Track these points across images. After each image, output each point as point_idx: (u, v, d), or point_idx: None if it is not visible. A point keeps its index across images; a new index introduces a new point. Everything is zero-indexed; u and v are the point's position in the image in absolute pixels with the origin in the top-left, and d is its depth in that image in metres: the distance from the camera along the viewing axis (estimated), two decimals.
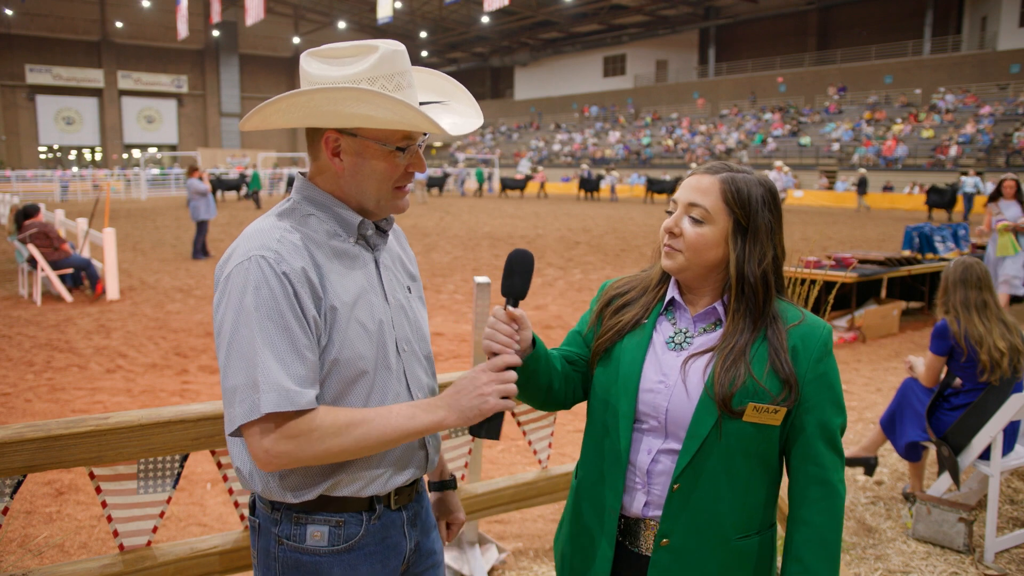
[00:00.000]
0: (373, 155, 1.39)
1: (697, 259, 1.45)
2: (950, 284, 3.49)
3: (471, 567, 3.07)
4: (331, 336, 1.35)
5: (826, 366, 1.44)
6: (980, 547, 3.37)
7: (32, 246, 9.05)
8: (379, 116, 1.32)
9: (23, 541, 3.40)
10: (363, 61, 1.34)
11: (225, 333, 1.29)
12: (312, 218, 1.42)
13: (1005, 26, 33.18)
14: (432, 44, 53.78)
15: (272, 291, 1.28)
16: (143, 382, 5.87)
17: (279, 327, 1.27)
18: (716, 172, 1.46)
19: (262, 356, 1.26)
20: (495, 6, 30.07)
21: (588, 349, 1.62)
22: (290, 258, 1.31)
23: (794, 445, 1.45)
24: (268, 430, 1.26)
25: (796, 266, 4.53)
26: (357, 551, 1.44)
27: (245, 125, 1.39)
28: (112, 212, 22.78)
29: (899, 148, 30.78)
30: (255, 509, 1.48)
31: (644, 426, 1.48)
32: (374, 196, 1.42)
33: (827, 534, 1.42)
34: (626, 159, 40.48)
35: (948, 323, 3.47)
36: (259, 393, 1.25)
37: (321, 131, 1.39)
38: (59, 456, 1.82)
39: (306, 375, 1.29)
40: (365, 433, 1.31)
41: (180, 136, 52.27)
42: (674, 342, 1.49)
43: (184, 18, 39.03)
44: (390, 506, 1.48)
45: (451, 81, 1.55)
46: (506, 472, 4.20)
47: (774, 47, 42.76)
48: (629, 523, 1.50)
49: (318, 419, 1.28)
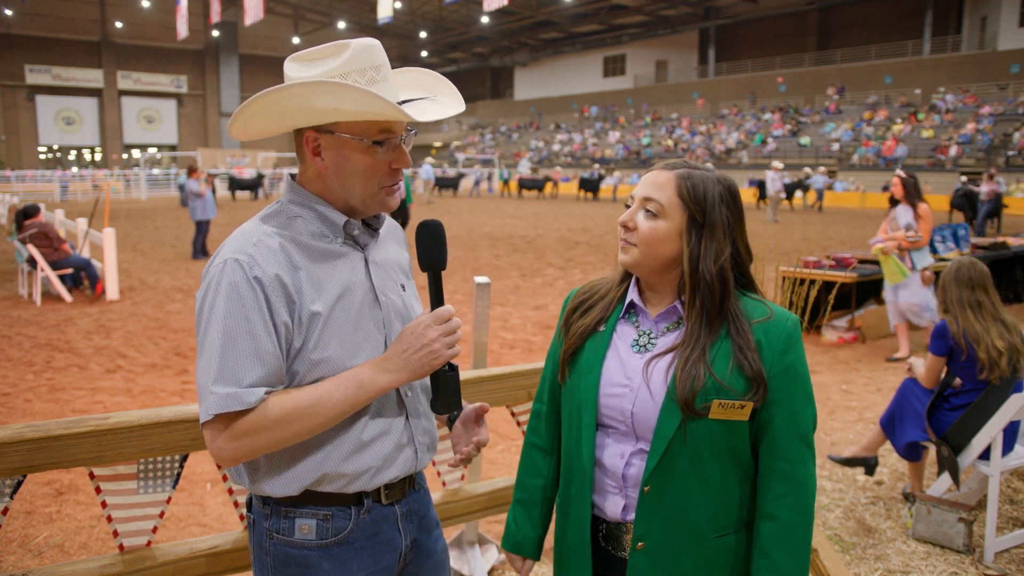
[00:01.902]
0: (352, 150, 1.39)
1: (651, 253, 1.44)
2: (946, 284, 3.52)
3: (471, 567, 3.07)
4: (312, 338, 1.36)
5: (792, 358, 1.42)
6: (980, 547, 3.37)
7: (32, 246, 9.04)
8: (346, 108, 1.32)
9: (23, 541, 3.40)
10: (336, 58, 1.36)
11: (199, 332, 1.34)
12: (298, 220, 1.42)
13: (1005, 26, 33.19)
14: (432, 44, 53.79)
15: (241, 296, 1.30)
16: (143, 382, 5.87)
17: (244, 331, 1.29)
18: (673, 168, 1.47)
19: (222, 358, 1.29)
20: (495, 6, 30.07)
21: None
22: (264, 263, 1.32)
23: (763, 439, 1.44)
24: (218, 430, 1.30)
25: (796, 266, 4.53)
26: (347, 545, 1.44)
27: (232, 131, 1.41)
28: (112, 212, 22.78)
29: (899, 148, 30.79)
30: (251, 505, 1.50)
31: (612, 430, 1.48)
32: (359, 194, 1.42)
33: (794, 530, 1.41)
34: (626, 159, 40.47)
35: (947, 323, 3.47)
36: (210, 395, 1.28)
37: (302, 132, 1.40)
38: (59, 456, 1.82)
39: (263, 377, 1.31)
40: (315, 414, 1.33)
41: (180, 136, 52.27)
42: (639, 344, 1.48)
43: (184, 18, 39.01)
44: (380, 501, 1.48)
45: (436, 76, 1.55)
46: (506, 472, 4.20)
47: (774, 47, 42.77)
48: (610, 528, 1.50)
49: (266, 412, 1.30)
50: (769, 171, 22.49)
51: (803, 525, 1.42)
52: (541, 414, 1.67)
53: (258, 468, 1.42)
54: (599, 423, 1.50)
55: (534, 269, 12.10)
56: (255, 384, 1.29)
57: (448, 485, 2.66)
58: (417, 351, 1.37)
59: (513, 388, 2.58)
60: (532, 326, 8.02)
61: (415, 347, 1.37)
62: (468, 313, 8.43)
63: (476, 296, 2.71)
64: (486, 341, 2.79)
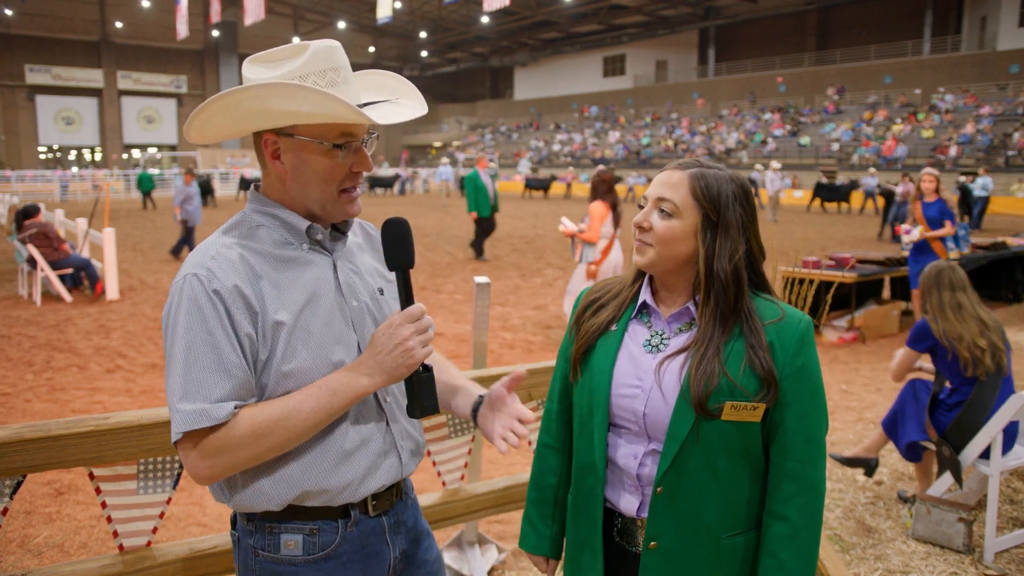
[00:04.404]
0: (311, 153, 1.36)
1: (667, 253, 1.44)
2: (926, 288, 3.63)
3: (471, 567, 3.07)
4: (277, 348, 1.32)
5: (804, 359, 1.42)
6: (980, 547, 3.37)
7: (32, 246, 9.04)
8: (306, 111, 1.30)
9: (23, 541, 3.40)
10: (296, 60, 1.34)
11: (166, 349, 1.31)
12: (261, 229, 1.40)
13: (1005, 26, 33.17)
14: (432, 44, 53.76)
15: (201, 310, 1.27)
16: (143, 382, 5.87)
17: (207, 345, 1.26)
18: (686, 168, 1.47)
19: (186, 375, 1.26)
20: (495, 6, 30.04)
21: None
22: (223, 276, 1.29)
23: (773, 440, 1.44)
24: (189, 448, 1.27)
25: (795, 266, 4.53)
26: (334, 559, 1.41)
27: (188, 134, 1.38)
28: (112, 212, 22.78)
29: (899, 148, 30.77)
30: (235, 523, 1.46)
31: (625, 431, 1.48)
32: (318, 199, 1.39)
33: (803, 531, 1.41)
34: (626, 159, 40.46)
35: (928, 322, 3.57)
36: (176, 413, 1.25)
37: (261, 135, 1.38)
38: (59, 456, 1.82)
39: (231, 390, 1.27)
40: (288, 426, 1.29)
41: (180, 136, 52.24)
42: (651, 344, 1.48)
43: (184, 18, 38.98)
44: (367, 512, 1.45)
45: (401, 80, 1.53)
46: (506, 472, 4.20)
47: (774, 47, 42.75)
48: (626, 523, 1.50)
49: (236, 428, 1.26)
50: (768, 171, 22.48)
51: (812, 526, 1.42)
52: (553, 413, 1.66)
53: (236, 484, 1.37)
54: (611, 423, 1.49)
55: (534, 269, 12.11)
56: (224, 399, 1.26)
57: (448, 485, 2.65)
58: (391, 352, 1.33)
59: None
60: (532, 326, 8.02)
61: (388, 347, 1.33)
62: (468, 313, 8.43)
63: (476, 296, 2.71)
64: (486, 341, 2.79)
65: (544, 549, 1.65)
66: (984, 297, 9.80)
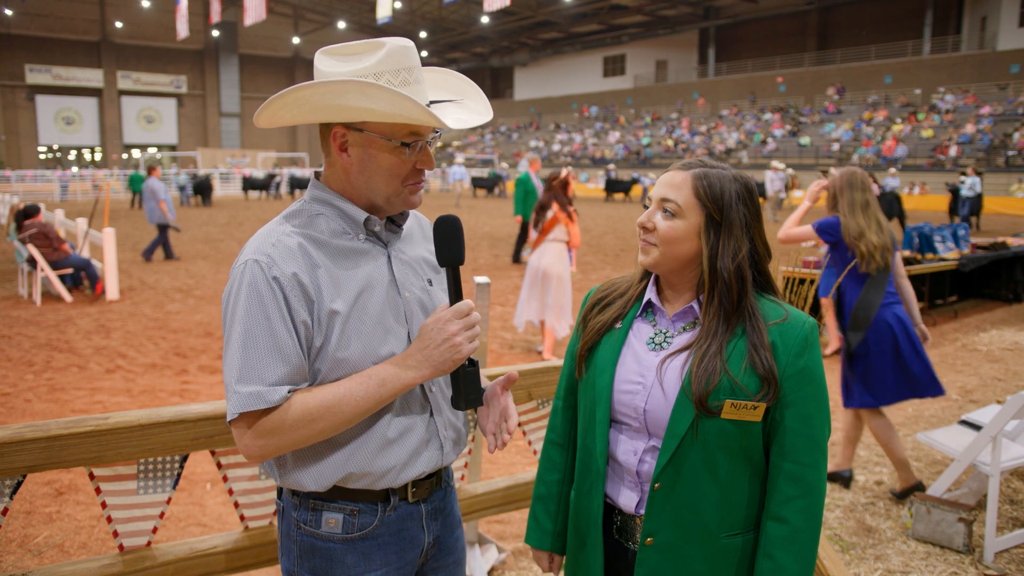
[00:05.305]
0: (379, 149, 1.40)
1: (671, 252, 1.45)
2: (838, 190, 3.89)
3: (471, 567, 3.08)
4: (333, 336, 1.37)
5: (807, 361, 1.42)
6: (980, 547, 3.37)
7: (32, 246, 9.04)
8: (379, 109, 1.33)
9: (23, 541, 3.40)
10: (371, 57, 1.36)
11: (224, 333, 1.37)
12: (320, 218, 1.44)
13: (1005, 26, 33.18)
14: (432, 44, 53.77)
15: (261, 296, 1.32)
16: (143, 382, 5.87)
17: (264, 330, 1.32)
18: (689, 168, 1.48)
19: (243, 358, 1.31)
20: (495, 6, 30.05)
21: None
22: (282, 263, 1.34)
23: (774, 440, 1.44)
24: (243, 428, 1.33)
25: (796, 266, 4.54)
26: (371, 540, 1.46)
27: (258, 120, 1.41)
28: (112, 212, 22.78)
29: (899, 148, 30.79)
30: (281, 493, 1.53)
31: (626, 426, 1.49)
32: (383, 192, 1.43)
33: (802, 534, 1.40)
34: (626, 159, 40.47)
35: (840, 219, 3.84)
36: (234, 394, 1.31)
37: (331, 127, 1.41)
38: (59, 456, 1.82)
39: (286, 374, 1.33)
40: (338, 412, 1.35)
41: (180, 136, 52.25)
42: (654, 342, 1.49)
43: (184, 18, 38.99)
44: (407, 498, 1.49)
45: (465, 80, 1.56)
46: (506, 472, 4.20)
47: (774, 47, 42.76)
48: (625, 519, 1.51)
49: (289, 411, 1.32)
50: (768, 171, 22.48)
51: (811, 529, 1.41)
52: (559, 410, 1.68)
53: (285, 464, 1.44)
54: (613, 419, 1.51)
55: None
56: (279, 382, 1.31)
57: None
58: (439, 346, 1.37)
59: (512, 388, 2.58)
60: (532, 326, 8.02)
61: (436, 342, 1.37)
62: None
63: (476, 296, 2.72)
64: (486, 341, 2.79)
65: (548, 545, 1.66)
66: (984, 297, 9.82)
